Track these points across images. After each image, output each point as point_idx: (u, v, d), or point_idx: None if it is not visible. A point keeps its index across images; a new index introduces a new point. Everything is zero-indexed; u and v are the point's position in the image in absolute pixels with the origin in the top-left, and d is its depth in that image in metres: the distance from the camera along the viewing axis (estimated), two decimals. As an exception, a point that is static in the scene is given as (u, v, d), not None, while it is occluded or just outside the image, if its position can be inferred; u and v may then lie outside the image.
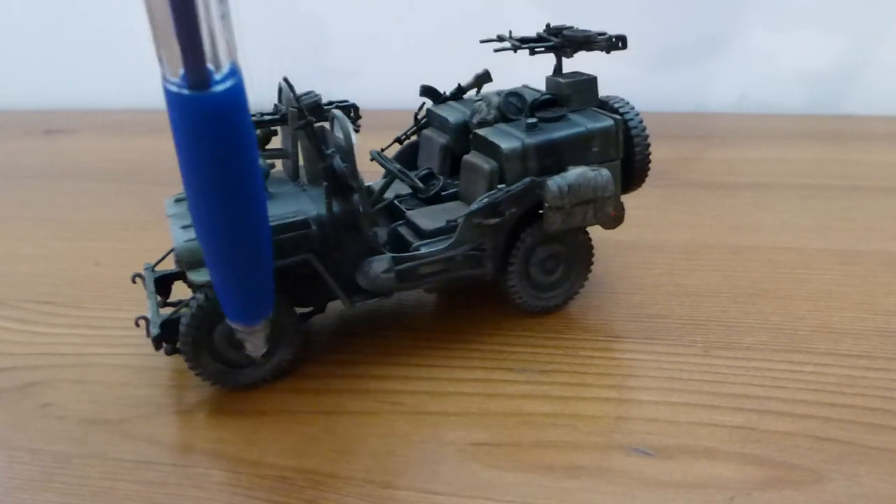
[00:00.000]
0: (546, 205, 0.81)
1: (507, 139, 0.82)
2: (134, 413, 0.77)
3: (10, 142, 1.75)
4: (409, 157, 0.99)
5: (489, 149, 0.83)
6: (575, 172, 0.81)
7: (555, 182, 0.81)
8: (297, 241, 0.76)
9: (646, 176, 0.91)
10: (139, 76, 1.94)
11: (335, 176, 0.75)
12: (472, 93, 0.97)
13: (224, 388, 0.79)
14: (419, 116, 0.98)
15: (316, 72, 0.92)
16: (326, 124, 0.80)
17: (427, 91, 0.97)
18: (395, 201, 0.91)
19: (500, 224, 0.82)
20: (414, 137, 0.99)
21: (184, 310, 0.76)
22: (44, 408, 0.78)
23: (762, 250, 1.04)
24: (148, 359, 0.86)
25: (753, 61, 1.65)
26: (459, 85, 0.96)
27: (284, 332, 0.78)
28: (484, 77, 0.95)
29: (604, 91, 0.89)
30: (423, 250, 0.81)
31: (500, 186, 0.82)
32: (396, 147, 0.99)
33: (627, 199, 0.89)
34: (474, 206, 0.81)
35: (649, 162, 0.90)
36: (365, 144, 1.03)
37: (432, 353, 0.84)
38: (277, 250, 0.71)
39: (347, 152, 0.75)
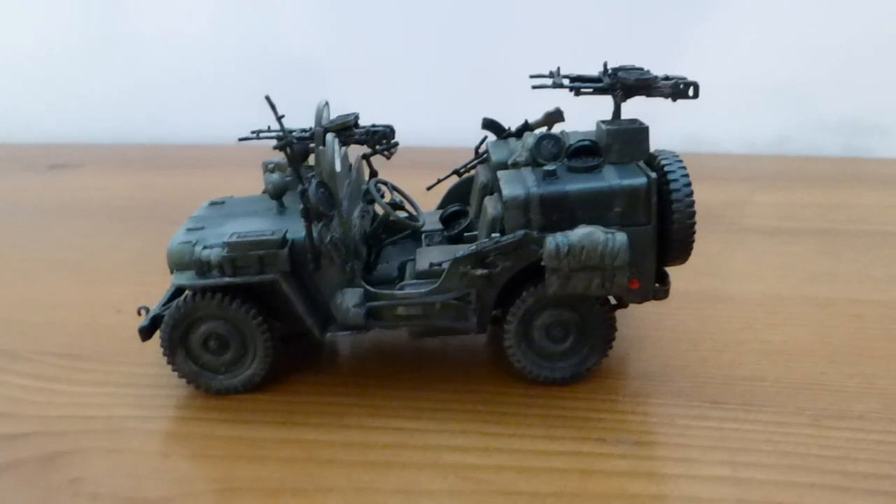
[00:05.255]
0: (542, 264, 0.73)
1: (515, 186, 0.74)
2: (178, 490, 0.67)
3: (11, 177, 1.65)
4: (463, 191, 0.93)
5: (500, 193, 0.76)
6: (581, 232, 0.72)
7: (554, 240, 0.71)
8: (266, 259, 0.76)
9: (689, 249, 0.78)
10: (145, 110, 1.88)
11: (306, 202, 0.73)
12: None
13: (202, 392, 0.80)
14: (480, 150, 0.91)
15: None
16: (327, 148, 0.77)
17: (489, 124, 0.90)
18: (423, 235, 0.87)
19: (489, 276, 0.75)
20: (473, 172, 0.92)
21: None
22: (73, 483, 0.68)
23: (844, 303, 0.96)
24: (188, 424, 0.76)
25: (794, 102, 1.59)
26: (526, 121, 0.89)
27: (257, 346, 0.79)
28: (555, 115, 0.87)
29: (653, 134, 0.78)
30: (408, 290, 0.77)
31: (493, 235, 0.74)
32: (454, 179, 0.94)
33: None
34: (460, 253, 0.75)
35: (693, 233, 0.76)
36: (407, 179, 0.96)
37: (510, 421, 0.75)
38: (249, 265, 0.75)
39: (328, 179, 0.75)
